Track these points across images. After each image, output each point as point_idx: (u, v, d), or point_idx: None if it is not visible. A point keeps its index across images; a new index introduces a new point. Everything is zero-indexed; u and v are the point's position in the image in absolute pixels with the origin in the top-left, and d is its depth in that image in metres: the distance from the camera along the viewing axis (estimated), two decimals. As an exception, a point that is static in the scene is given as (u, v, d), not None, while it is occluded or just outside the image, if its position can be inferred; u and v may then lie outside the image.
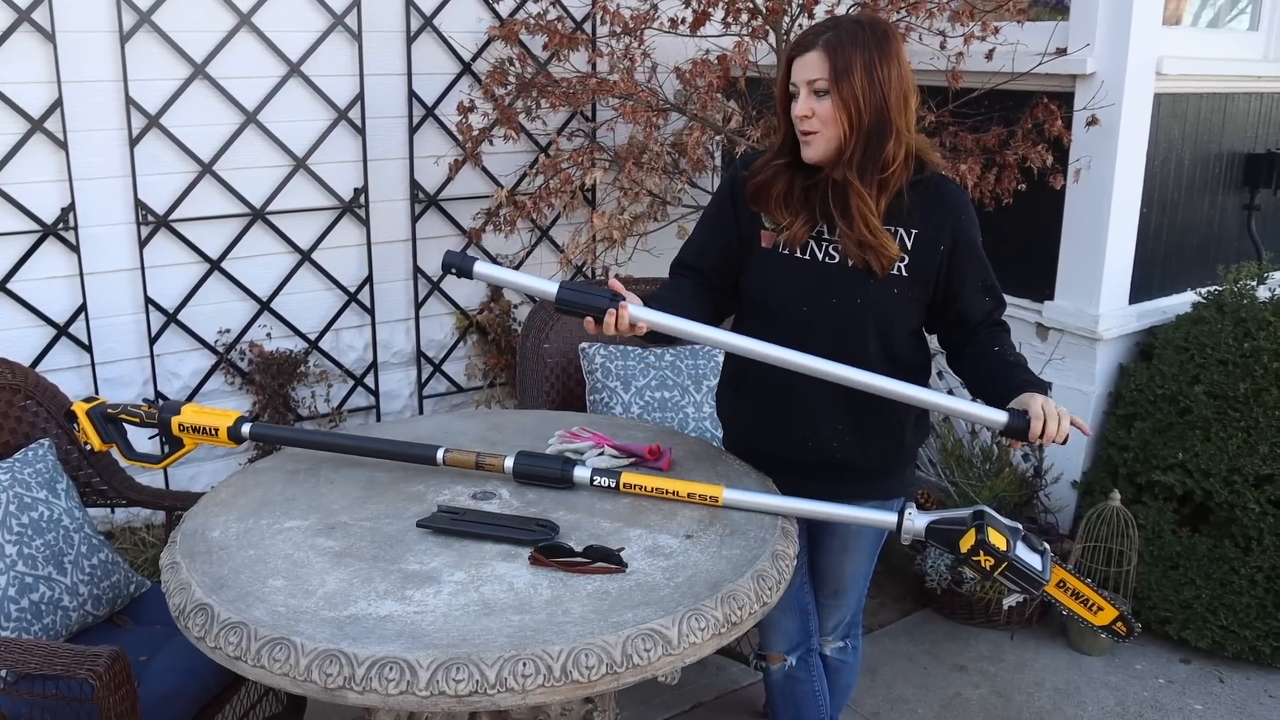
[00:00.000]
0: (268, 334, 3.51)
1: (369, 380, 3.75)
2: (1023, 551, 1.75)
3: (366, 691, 1.39)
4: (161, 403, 2.09)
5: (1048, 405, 1.80)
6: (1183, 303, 3.44)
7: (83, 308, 3.16)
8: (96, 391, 3.22)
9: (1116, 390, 3.38)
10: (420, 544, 1.72)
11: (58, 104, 3.00)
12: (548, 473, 1.91)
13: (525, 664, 1.40)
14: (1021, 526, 1.80)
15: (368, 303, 3.68)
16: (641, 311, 1.86)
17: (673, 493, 1.87)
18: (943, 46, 3.18)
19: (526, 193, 3.60)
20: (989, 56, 3.17)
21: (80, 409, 2.07)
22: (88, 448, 2.10)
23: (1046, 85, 3.27)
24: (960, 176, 3.03)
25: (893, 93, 1.81)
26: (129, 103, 3.11)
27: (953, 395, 1.97)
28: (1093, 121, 3.16)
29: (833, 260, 1.93)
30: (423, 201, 3.71)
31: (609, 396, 2.84)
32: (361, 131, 3.52)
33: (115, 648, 1.75)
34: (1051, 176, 3.18)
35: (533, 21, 3.45)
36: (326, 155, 3.48)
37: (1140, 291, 3.46)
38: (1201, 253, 3.69)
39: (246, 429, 2.04)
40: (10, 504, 2.10)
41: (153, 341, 3.30)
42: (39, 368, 3.08)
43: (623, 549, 1.67)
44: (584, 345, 2.94)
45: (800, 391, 1.99)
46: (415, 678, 1.38)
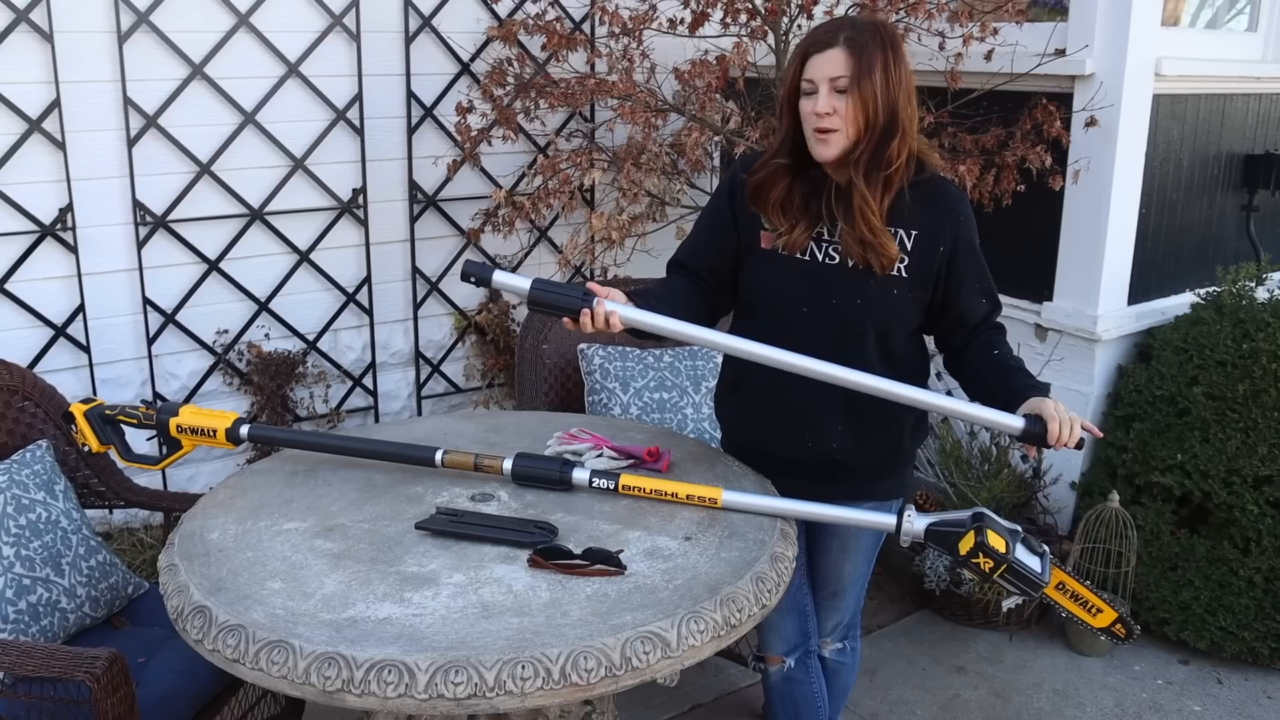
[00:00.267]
0: (266, 335, 3.51)
1: (367, 381, 3.75)
2: (1022, 554, 1.75)
3: (365, 694, 1.38)
4: (160, 404, 2.09)
5: (1059, 409, 1.81)
6: (1181, 304, 3.44)
7: (81, 308, 3.16)
8: (94, 392, 3.21)
9: (1115, 391, 3.38)
10: (419, 546, 1.71)
11: (56, 104, 2.99)
12: (546, 474, 1.91)
13: (524, 667, 1.40)
14: (1021, 529, 1.80)
15: (366, 303, 3.68)
16: (625, 310, 1.85)
17: (671, 494, 1.86)
18: (941, 47, 3.18)
19: (525, 193, 3.60)
20: (988, 57, 3.17)
21: (78, 410, 2.07)
22: (85, 449, 2.09)
23: (1045, 86, 3.27)
24: (959, 177, 3.03)
25: (902, 94, 1.82)
26: (127, 103, 3.11)
27: (969, 402, 1.97)
28: (1091, 122, 3.16)
29: (833, 261, 1.93)
30: (421, 202, 3.70)
31: (608, 397, 2.84)
32: (360, 132, 3.51)
33: (113, 650, 1.75)
34: (1050, 177, 3.18)
35: (531, 22, 3.45)
36: (325, 156, 3.47)
37: (1139, 292, 3.46)
38: (1200, 254, 3.69)
39: (245, 430, 2.04)
40: (8, 505, 2.10)
41: (151, 342, 3.30)
42: (37, 368, 3.08)
43: (622, 551, 1.66)
44: (583, 346, 2.94)
45: (799, 393, 1.99)
46: (414, 680, 1.38)
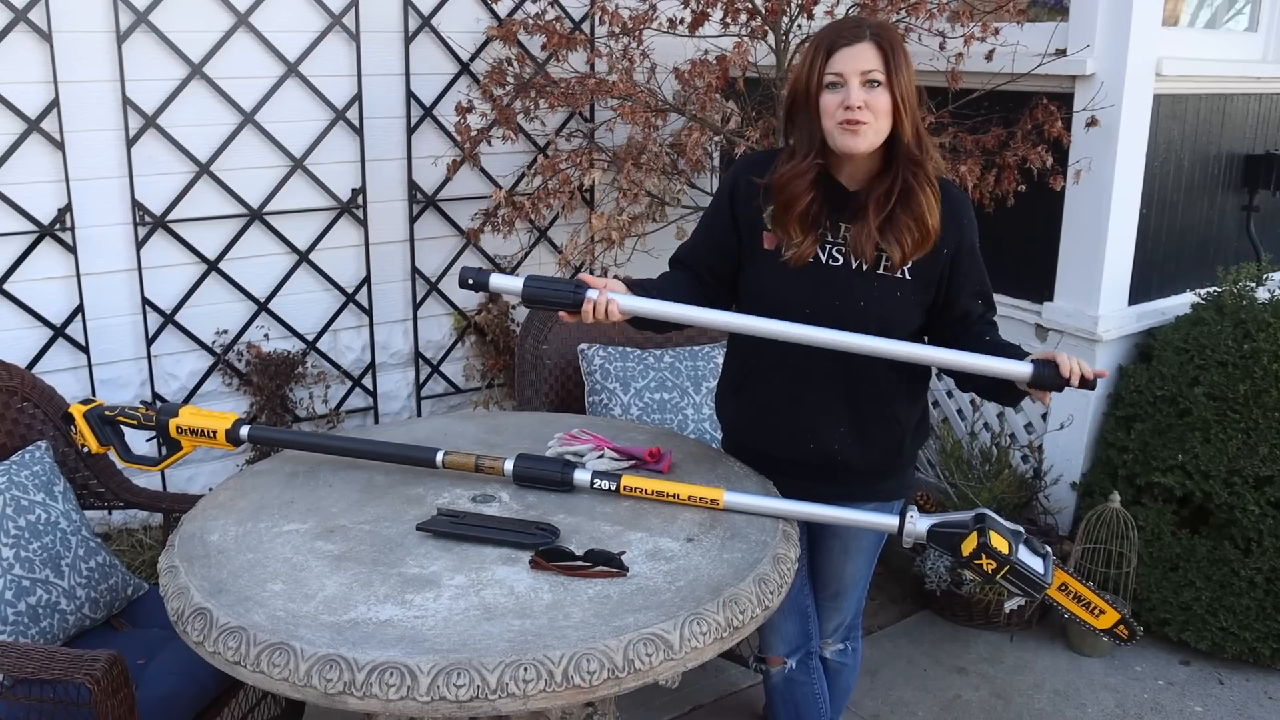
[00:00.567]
0: (265, 335, 3.50)
1: (367, 381, 3.74)
2: (1025, 555, 1.75)
3: (367, 697, 1.38)
4: (159, 405, 2.08)
5: (1063, 354, 1.80)
6: (1182, 304, 3.44)
7: (79, 309, 3.15)
8: (93, 393, 3.21)
9: (1116, 391, 3.38)
10: (420, 547, 1.71)
11: (54, 104, 2.98)
12: (548, 475, 1.90)
13: (526, 669, 1.39)
14: (1023, 530, 1.80)
15: (366, 303, 3.67)
16: (624, 299, 1.85)
17: (673, 496, 1.86)
18: (942, 47, 3.17)
19: (525, 193, 3.59)
20: (989, 57, 3.17)
21: (78, 411, 2.06)
22: (85, 450, 2.09)
23: (1046, 86, 3.26)
24: (960, 177, 3.03)
25: (914, 89, 1.85)
26: (126, 103, 3.10)
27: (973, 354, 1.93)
28: (1092, 122, 3.15)
29: (836, 262, 1.93)
30: (421, 202, 3.70)
31: (608, 398, 2.84)
32: (359, 132, 3.51)
33: (113, 651, 1.74)
34: (1051, 177, 3.17)
35: (531, 22, 3.44)
36: (324, 155, 3.47)
37: (1139, 293, 3.46)
38: (1201, 254, 3.69)
39: (245, 431, 2.04)
40: (7, 507, 2.09)
41: (150, 343, 3.29)
42: (35, 369, 3.07)
43: (624, 552, 1.66)
44: (583, 346, 2.93)
45: (801, 393, 1.99)
46: (416, 683, 1.37)
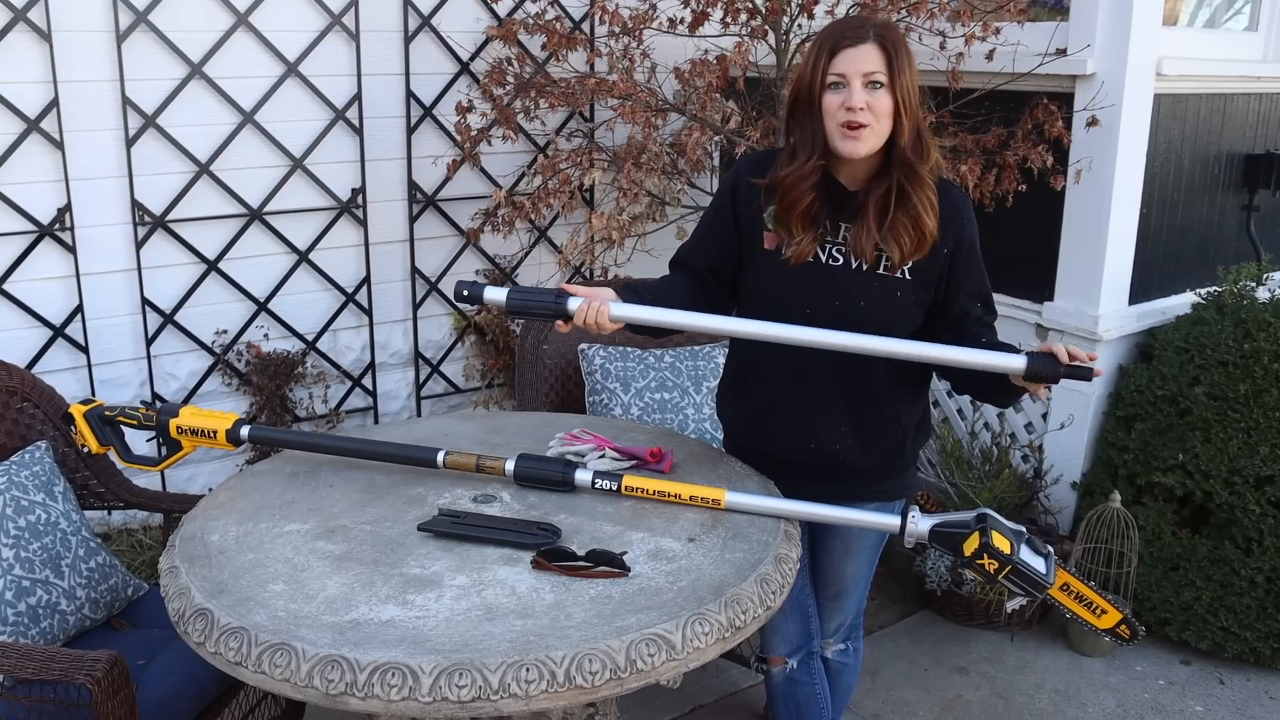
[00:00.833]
0: (265, 335, 3.50)
1: (367, 381, 3.74)
2: (1026, 555, 1.75)
3: (369, 697, 1.38)
4: (160, 405, 2.08)
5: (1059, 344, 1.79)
6: (1182, 304, 3.44)
7: (79, 309, 3.15)
8: (93, 393, 3.20)
9: (1116, 391, 3.38)
10: (421, 548, 1.71)
11: (54, 104, 2.98)
12: (549, 476, 1.90)
13: (529, 669, 1.39)
14: (1025, 529, 1.79)
15: (365, 303, 3.67)
16: (620, 307, 1.86)
17: (675, 496, 1.86)
18: (943, 47, 3.17)
19: (525, 193, 3.59)
20: (989, 57, 3.17)
21: (78, 411, 2.06)
22: (85, 450, 2.09)
23: (1046, 86, 3.26)
24: (960, 177, 3.03)
25: (916, 91, 1.84)
26: (125, 103, 3.09)
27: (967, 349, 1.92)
28: (1093, 122, 3.15)
29: (836, 262, 1.93)
30: (421, 202, 3.69)
31: (608, 398, 2.83)
32: (359, 131, 3.51)
33: (113, 652, 1.74)
34: (1052, 177, 3.17)
35: (531, 21, 3.44)
36: (324, 155, 3.46)
37: (1140, 292, 3.46)
38: (1201, 253, 3.69)
39: (245, 431, 2.03)
40: (7, 507, 2.09)
41: (149, 343, 3.29)
42: (35, 369, 3.07)
43: (625, 553, 1.66)
44: (583, 346, 2.93)
45: (802, 394, 1.99)
46: (418, 683, 1.37)
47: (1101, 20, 3.15)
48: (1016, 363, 1.80)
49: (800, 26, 3.21)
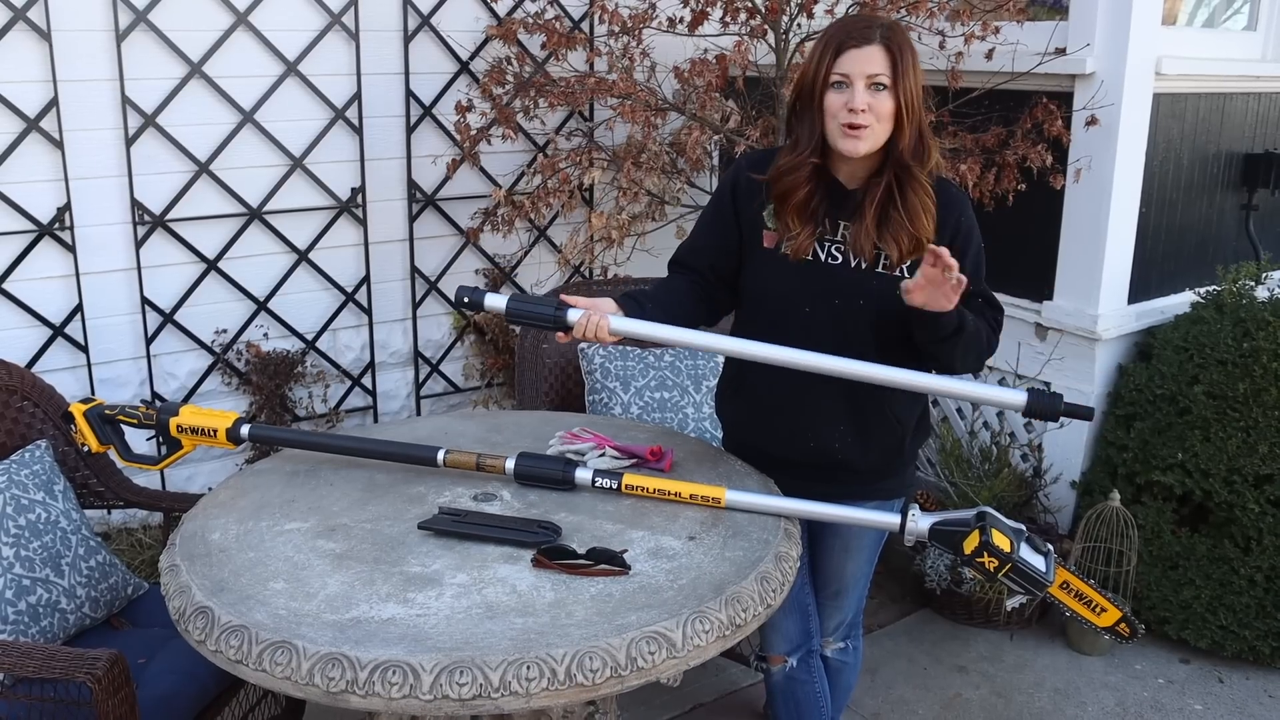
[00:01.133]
0: (265, 334, 3.50)
1: (366, 380, 3.74)
2: (1026, 553, 1.75)
3: (369, 695, 1.38)
4: (160, 404, 2.08)
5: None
6: (1181, 303, 3.44)
7: (79, 308, 3.15)
8: (93, 392, 3.20)
9: (1115, 390, 3.38)
10: (422, 546, 1.71)
11: (53, 103, 2.98)
12: (549, 474, 1.90)
13: (529, 667, 1.39)
14: (1024, 528, 1.80)
15: (365, 303, 3.67)
16: (620, 321, 1.87)
17: (675, 494, 1.86)
18: (942, 46, 3.17)
19: (524, 192, 3.59)
20: (988, 56, 3.17)
21: (78, 410, 2.06)
22: (85, 449, 2.09)
23: (1046, 85, 3.26)
24: (960, 177, 3.03)
25: (920, 93, 1.85)
26: (125, 102, 3.09)
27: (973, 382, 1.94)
28: (1092, 121, 3.16)
29: (835, 261, 1.93)
30: (420, 201, 3.69)
31: (608, 397, 2.84)
32: (359, 131, 3.51)
33: (114, 650, 1.74)
34: (1051, 176, 3.18)
35: (531, 21, 3.44)
36: (324, 155, 3.46)
37: (1139, 291, 3.46)
38: (1200, 253, 3.69)
39: (245, 430, 2.03)
40: (7, 506, 2.09)
41: (149, 342, 3.29)
42: (34, 368, 3.07)
43: (626, 551, 1.66)
44: (583, 346, 2.93)
45: (801, 393, 1.99)
46: (418, 681, 1.37)
47: (1100, 20, 3.15)
48: (1017, 399, 1.82)
49: (800, 26, 3.21)
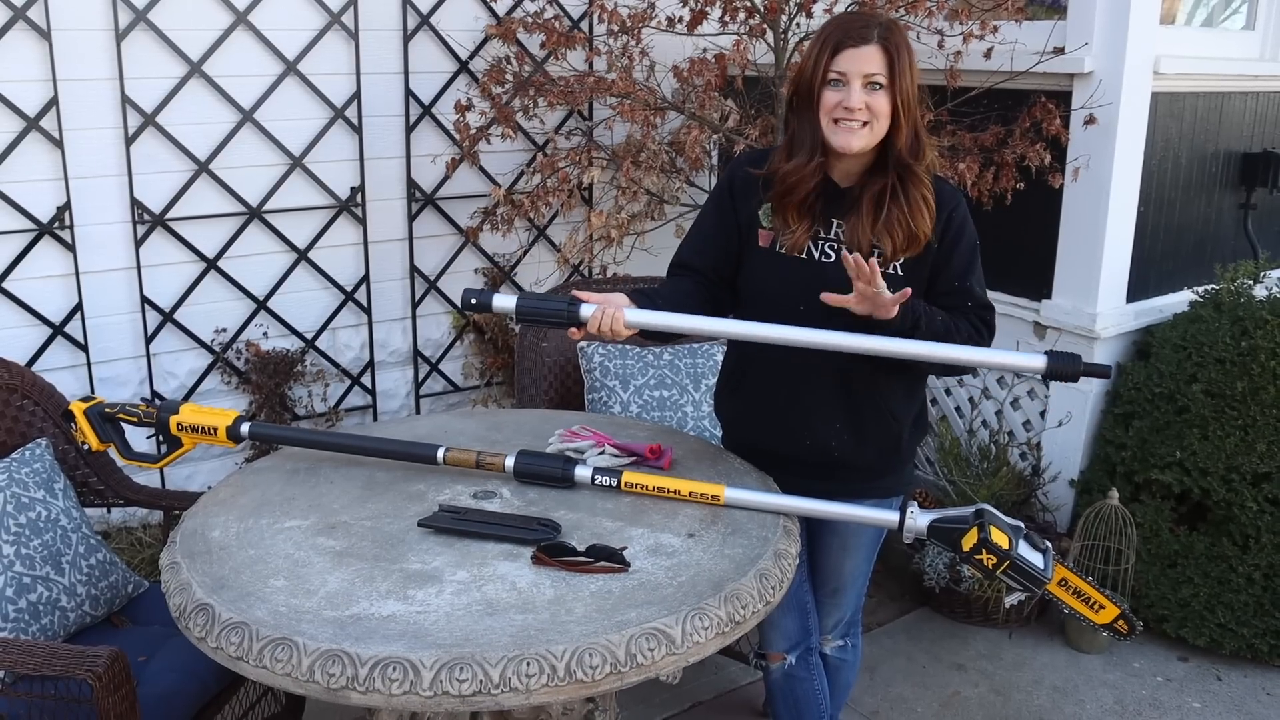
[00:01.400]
0: (264, 333, 3.50)
1: (366, 379, 3.74)
2: (1025, 550, 1.75)
3: (370, 692, 1.38)
4: (160, 402, 2.08)
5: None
6: (1180, 301, 3.44)
7: (78, 307, 3.15)
8: (92, 391, 3.20)
9: (1114, 389, 3.38)
10: (422, 543, 1.71)
11: (53, 102, 2.98)
12: (549, 472, 1.90)
13: (529, 664, 1.40)
14: (1023, 525, 1.80)
15: (364, 302, 3.67)
16: (635, 314, 1.86)
17: (674, 492, 1.86)
18: (941, 45, 3.18)
19: (524, 191, 3.59)
20: (987, 55, 3.18)
21: (78, 408, 2.06)
22: (85, 447, 2.09)
23: (1044, 84, 3.27)
24: (958, 175, 3.03)
25: (916, 92, 1.86)
26: (125, 101, 3.10)
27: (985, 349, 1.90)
28: (1090, 120, 3.16)
29: (829, 259, 1.93)
30: (420, 200, 3.70)
31: (608, 395, 2.84)
32: (358, 130, 3.51)
33: (114, 648, 1.74)
34: (1049, 175, 3.18)
35: (530, 20, 3.44)
36: (323, 154, 3.47)
37: (1137, 290, 3.47)
38: (1198, 252, 3.70)
39: (246, 428, 2.04)
40: (8, 504, 2.09)
41: (149, 341, 3.29)
42: (34, 367, 3.07)
43: (625, 548, 1.66)
44: (582, 344, 2.93)
45: (798, 390, 1.99)
46: (419, 678, 1.38)
47: (1099, 19, 3.16)
48: (1035, 363, 1.80)
49: (799, 25, 3.22)
